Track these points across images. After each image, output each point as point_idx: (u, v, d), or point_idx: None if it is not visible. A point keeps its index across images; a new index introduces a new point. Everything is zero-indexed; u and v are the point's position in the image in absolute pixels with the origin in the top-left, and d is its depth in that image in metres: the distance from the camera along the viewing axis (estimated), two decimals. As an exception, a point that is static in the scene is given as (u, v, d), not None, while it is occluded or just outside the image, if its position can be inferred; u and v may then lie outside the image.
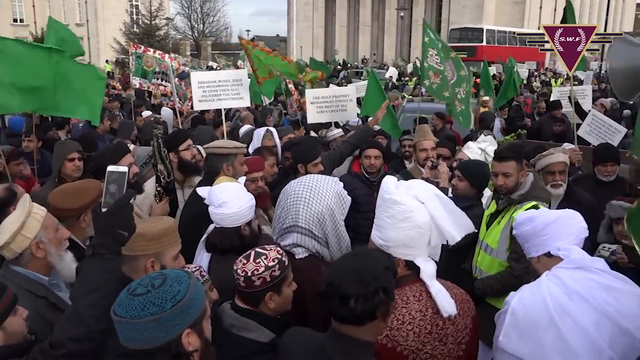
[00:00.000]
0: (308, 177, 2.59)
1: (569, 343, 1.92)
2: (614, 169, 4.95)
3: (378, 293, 1.75)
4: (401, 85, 22.99)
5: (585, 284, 2.00)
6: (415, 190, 2.21)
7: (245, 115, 8.55)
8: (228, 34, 72.06)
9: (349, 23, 65.58)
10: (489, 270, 3.56)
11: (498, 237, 3.52)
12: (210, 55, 48.17)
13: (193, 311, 1.56)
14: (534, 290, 2.09)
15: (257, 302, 2.13)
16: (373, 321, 1.79)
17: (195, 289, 1.59)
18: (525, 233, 2.32)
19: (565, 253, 2.14)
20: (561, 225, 2.23)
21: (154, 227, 2.14)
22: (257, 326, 2.08)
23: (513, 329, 2.05)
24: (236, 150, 3.72)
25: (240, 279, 2.11)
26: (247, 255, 2.15)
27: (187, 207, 3.66)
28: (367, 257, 1.87)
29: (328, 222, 2.47)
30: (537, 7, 56.91)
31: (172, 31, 57.49)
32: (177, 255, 2.26)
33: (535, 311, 2.01)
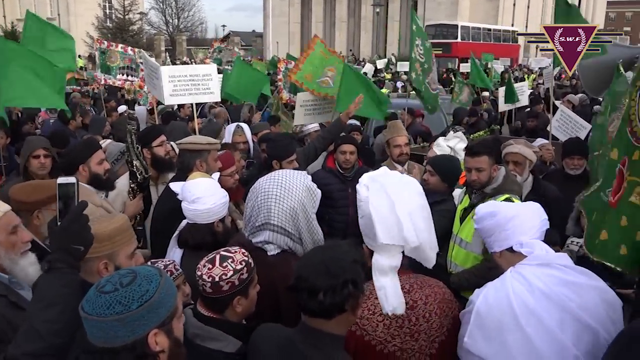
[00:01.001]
0: (277, 173, 2.55)
1: (533, 343, 1.91)
2: (581, 163, 5.01)
3: (347, 286, 1.74)
4: (377, 81, 23.06)
5: (548, 280, 1.99)
6: (372, 181, 2.20)
7: (219, 112, 8.49)
8: (203, 29, 71.52)
9: (325, 19, 65.56)
10: (464, 264, 3.59)
11: (472, 230, 3.51)
12: (185, 50, 47.71)
13: (162, 311, 1.52)
14: (498, 289, 2.07)
15: (224, 308, 2.06)
16: (342, 314, 1.78)
17: (166, 288, 1.55)
18: (487, 227, 2.29)
19: (528, 250, 2.13)
20: (523, 220, 2.21)
21: (105, 228, 2.04)
22: (223, 335, 2.02)
23: (477, 329, 2.03)
24: (209, 146, 3.68)
25: (206, 285, 2.03)
26: (211, 259, 2.09)
27: (160, 204, 3.62)
28: (336, 250, 1.86)
29: (301, 217, 2.44)
30: (511, 4, 57.70)
31: (147, 26, 56.83)
32: (133, 254, 2.17)
33: (499, 311, 2.00)
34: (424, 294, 2.12)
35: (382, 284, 2.09)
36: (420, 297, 2.11)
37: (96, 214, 2.11)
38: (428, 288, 2.15)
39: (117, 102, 11.25)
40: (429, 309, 2.10)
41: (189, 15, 66.10)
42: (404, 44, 61.74)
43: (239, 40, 55.92)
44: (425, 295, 2.12)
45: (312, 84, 6.74)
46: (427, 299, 2.11)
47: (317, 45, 6.88)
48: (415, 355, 2.09)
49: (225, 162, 3.94)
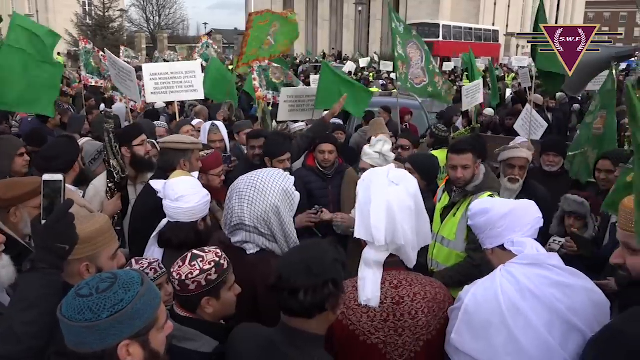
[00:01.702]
0: (254, 174, 2.52)
1: (520, 343, 1.92)
2: (556, 160, 5.08)
3: (327, 285, 1.75)
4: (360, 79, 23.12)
5: (537, 281, 2.00)
6: (364, 177, 2.25)
7: (200, 110, 8.42)
8: (185, 27, 70.87)
9: (308, 17, 65.46)
10: (447, 262, 3.60)
11: (455, 228, 3.56)
12: (166, 48, 47.27)
13: (136, 322, 1.47)
14: (487, 287, 2.08)
15: (194, 307, 2.05)
16: (322, 313, 1.79)
17: (145, 298, 1.50)
18: (480, 224, 2.29)
19: (519, 249, 2.13)
20: (516, 217, 2.20)
21: (85, 229, 1.99)
22: (199, 335, 2.01)
23: (465, 326, 2.04)
24: (194, 145, 3.68)
25: (175, 283, 2.03)
26: (183, 257, 2.08)
27: (139, 202, 3.59)
28: (316, 250, 1.86)
29: (273, 220, 2.42)
30: (492, 3, 58.17)
31: (127, 23, 56.22)
32: (115, 254, 2.14)
33: (487, 309, 2.01)
34: (412, 292, 2.14)
35: (364, 275, 2.13)
36: (407, 294, 2.13)
37: (80, 213, 2.08)
38: (418, 286, 2.16)
39: (96, 101, 11.14)
40: (416, 307, 2.11)
41: (170, 12, 65.56)
42: (387, 42, 61.92)
43: (221, 39, 55.54)
44: (413, 293, 2.13)
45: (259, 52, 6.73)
46: (414, 296, 2.13)
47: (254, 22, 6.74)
48: (398, 351, 2.10)
49: (214, 162, 3.94)
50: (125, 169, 3.85)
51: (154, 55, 18.81)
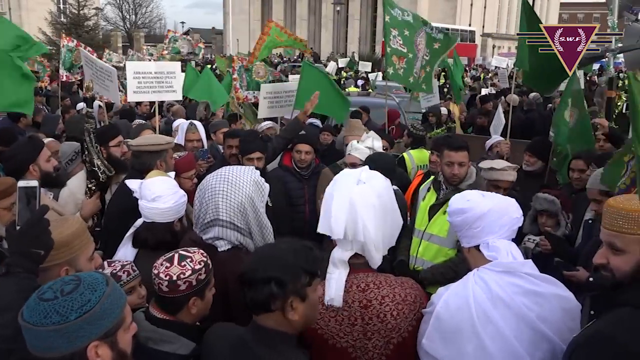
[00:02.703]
0: (223, 169, 2.53)
1: (489, 351, 1.92)
2: (531, 160, 5.18)
3: (268, 284, 1.72)
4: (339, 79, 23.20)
5: (510, 289, 2.00)
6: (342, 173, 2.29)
7: (177, 110, 8.35)
8: (162, 26, 70.18)
9: (286, 17, 65.36)
10: (434, 259, 3.59)
11: (447, 225, 3.51)
12: (143, 47, 46.73)
13: (104, 322, 1.46)
14: (459, 294, 2.07)
15: (179, 309, 2.04)
16: (270, 313, 1.76)
17: (111, 297, 1.49)
18: (457, 223, 2.27)
19: (493, 254, 2.11)
20: (492, 219, 2.15)
21: (61, 234, 1.97)
22: (176, 337, 2.00)
23: (436, 332, 2.04)
24: (168, 145, 3.68)
25: (163, 284, 2.01)
26: (169, 258, 2.07)
27: (113, 202, 3.56)
28: (280, 249, 1.84)
29: (249, 212, 2.43)
30: (469, 4, 58.78)
31: (103, 22, 55.50)
32: (92, 256, 2.13)
33: (458, 317, 2.01)
34: (381, 294, 2.11)
35: (331, 275, 2.13)
36: (375, 297, 2.11)
37: (50, 217, 2.06)
38: (387, 288, 2.13)
39: (75, 101, 10.98)
40: (384, 310, 2.09)
41: (147, 11, 65.02)
42: (365, 42, 62.03)
43: (199, 38, 55.07)
44: (381, 296, 2.11)
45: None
46: (383, 299, 2.10)
47: (272, 30, 6.78)
48: (368, 354, 2.10)
49: (186, 164, 3.91)
50: (111, 168, 3.82)
51: (129, 54, 18.53)
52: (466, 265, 3.45)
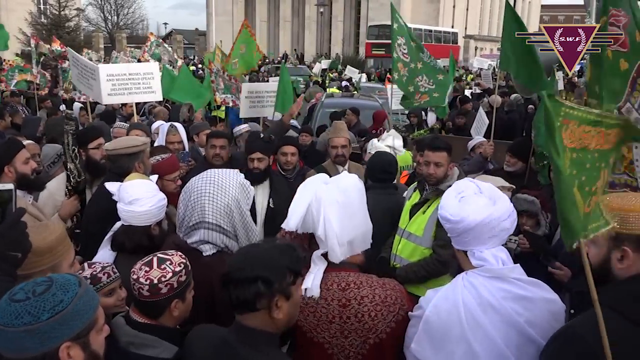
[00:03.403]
0: (208, 172, 2.52)
1: (478, 356, 1.95)
2: (512, 161, 5.22)
3: (255, 283, 1.71)
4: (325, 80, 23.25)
5: (499, 294, 2.01)
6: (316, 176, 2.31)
7: (159, 111, 8.27)
8: (145, 27, 69.67)
9: (269, 18, 65.28)
10: (410, 257, 3.63)
11: (424, 224, 3.60)
12: (125, 48, 46.36)
13: (76, 323, 1.46)
14: (448, 298, 2.07)
15: (161, 312, 2.03)
16: (255, 312, 1.75)
17: (84, 298, 1.49)
18: (447, 228, 2.24)
19: (480, 262, 2.09)
20: (482, 231, 2.09)
21: (44, 240, 1.95)
22: (158, 341, 1.98)
23: (426, 337, 2.05)
24: (144, 146, 3.65)
25: (143, 288, 1.99)
26: (148, 262, 2.05)
27: (92, 205, 3.52)
28: (265, 248, 1.84)
29: (235, 214, 2.43)
30: (451, 6, 59.27)
31: (84, 23, 54.95)
32: (73, 262, 2.11)
33: (448, 322, 2.02)
34: (360, 294, 2.12)
35: (312, 270, 2.16)
36: (354, 297, 2.12)
37: (28, 222, 2.03)
38: (367, 289, 2.14)
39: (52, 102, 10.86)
40: (362, 310, 2.10)
41: (129, 12, 64.42)
42: (348, 43, 62.10)
43: (182, 39, 54.86)
44: (361, 296, 2.12)
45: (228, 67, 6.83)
46: (362, 299, 2.11)
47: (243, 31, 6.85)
48: (344, 352, 2.11)
49: (169, 166, 3.87)
50: (82, 172, 3.77)
51: (112, 55, 18.37)
52: (445, 267, 3.52)
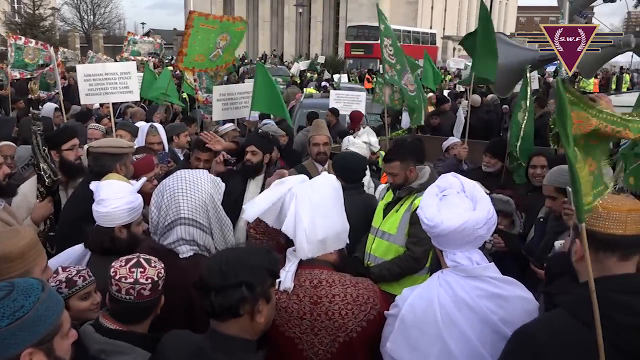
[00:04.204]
0: (178, 172, 2.53)
1: (453, 355, 1.96)
2: (492, 161, 5.24)
3: (239, 288, 1.69)
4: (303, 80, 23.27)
5: (474, 293, 2.01)
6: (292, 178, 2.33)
7: (135, 111, 8.17)
8: (121, 26, 68.83)
9: (248, 18, 64.95)
10: (385, 256, 3.67)
11: (397, 222, 3.64)
12: (102, 48, 45.78)
13: (39, 329, 1.43)
14: (424, 297, 2.08)
15: (152, 311, 2.08)
16: (237, 318, 1.73)
17: (47, 303, 1.46)
18: (424, 227, 2.20)
19: (454, 264, 2.09)
20: (456, 237, 2.07)
21: (16, 245, 1.91)
22: (131, 347, 1.96)
23: (401, 336, 2.05)
24: (130, 149, 3.63)
25: (145, 288, 2.01)
26: (136, 263, 2.06)
27: (68, 206, 3.48)
28: (243, 252, 1.84)
29: (210, 209, 2.45)
30: (429, 7, 59.75)
31: (59, 22, 54.14)
32: (46, 267, 2.08)
33: (423, 321, 2.03)
34: (332, 293, 2.13)
35: (287, 267, 2.18)
36: (326, 295, 2.12)
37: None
38: (339, 287, 2.14)
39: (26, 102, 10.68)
40: (333, 308, 2.11)
41: (106, 11, 63.64)
42: (327, 44, 62.09)
43: (160, 39, 54.27)
44: (332, 294, 2.12)
45: (205, 63, 6.49)
46: (333, 297, 2.12)
47: (195, 22, 6.42)
48: (313, 349, 2.12)
49: (145, 166, 3.84)
50: (57, 172, 3.71)
51: (89, 55, 18.12)
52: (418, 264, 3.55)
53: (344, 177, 4.13)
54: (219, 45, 6.48)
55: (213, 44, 6.46)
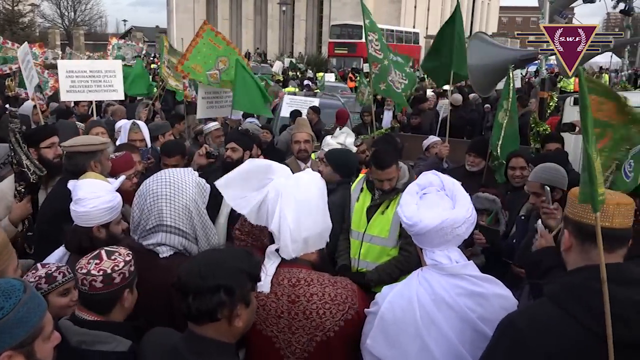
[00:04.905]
0: (163, 173, 2.46)
1: (432, 353, 1.97)
2: (476, 161, 5.25)
3: (217, 292, 1.67)
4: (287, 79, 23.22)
5: (453, 291, 2.03)
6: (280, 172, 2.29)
7: (115, 109, 8.08)
8: (103, 24, 68.19)
9: (232, 16, 64.74)
10: (378, 260, 3.60)
11: (388, 226, 3.58)
12: (83, 46, 45.25)
13: (19, 331, 1.40)
14: (404, 295, 2.09)
15: (112, 305, 2.01)
16: (215, 322, 1.71)
17: (28, 305, 1.43)
18: (403, 226, 2.24)
19: (433, 262, 2.11)
20: (434, 237, 2.09)
21: None
22: (111, 336, 1.96)
23: (381, 333, 2.06)
24: (103, 146, 3.57)
25: (97, 279, 1.97)
26: (96, 255, 2.04)
27: (46, 205, 3.44)
28: (223, 254, 1.81)
29: (194, 215, 2.39)
30: (412, 6, 60.01)
31: (39, 19, 53.44)
32: (17, 267, 2.06)
33: (403, 319, 2.04)
34: (310, 292, 2.12)
35: (266, 264, 2.17)
36: (304, 294, 2.12)
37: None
38: (317, 286, 2.14)
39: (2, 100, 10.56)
40: (311, 307, 2.10)
41: (87, 8, 62.95)
42: (311, 42, 62.04)
43: (142, 36, 53.85)
44: (310, 293, 2.12)
45: (201, 76, 6.47)
46: (311, 297, 2.11)
47: (206, 33, 6.49)
48: (290, 348, 2.11)
49: (124, 164, 3.80)
50: (42, 168, 3.67)
51: (67, 52, 17.93)
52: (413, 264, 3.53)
53: (340, 172, 4.13)
54: (217, 66, 6.50)
55: (213, 62, 6.48)
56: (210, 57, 6.48)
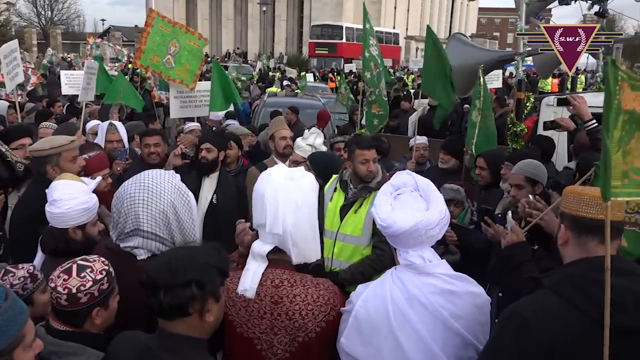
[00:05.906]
0: (141, 175, 2.39)
1: (405, 351, 1.99)
2: (446, 158, 5.40)
3: (189, 286, 1.68)
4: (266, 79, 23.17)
5: (426, 289, 2.05)
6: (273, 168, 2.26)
7: (93, 110, 7.98)
8: (81, 23, 67.32)
9: (212, 16, 64.43)
10: (351, 259, 3.59)
11: (361, 224, 3.57)
12: (60, 45, 44.61)
13: None
14: (377, 294, 2.11)
15: (81, 321, 1.97)
16: (186, 317, 1.71)
17: (9, 313, 1.41)
18: (377, 226, 2.24)
19: (406, 262, 2.13)
20: (408, 238, 2.11)
21: None
22: (82, 348, 1.92)
23: (355, 331, 2.08)
24: (59, 149, 3.39)
25: (61, 297, 1.92)
26: (67, 269, 1.98)
27: (18, 207, 3.37)
28: (193, 250, 1.82)
29: (172, 220, 2.34)
30: (392, 7, 60.37)
31: (15, 17, 52.57)
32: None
33: (376, 317, 2.05)
34: (293, 293, 2.11)
35: (250, 266, 2.14)
36: (287, 295, 2.11)
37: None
38: (300, 287, 2.13)
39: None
40: (294, 308, 2.09)
41: (64, 7, 62.10)
42: (292, 43, 62.05)
43: (120, 36, 53.27)
44: (293, 294, 2.11)
45: (160, 66, 6.39)
46: (294, 298, 2.10)
47: (155, 21, 6.35)
48: (273, 349, 2.11)
49: (97, 164, 3.74)
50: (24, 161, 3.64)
51: (47, 53, 17.67)
52: (387, 262, 3.54)
53: (322, 177, 4.12)
54: (169, 50, 6.40)
55: (165, 48, 6.38)
56: (163, 44, 6.38)
